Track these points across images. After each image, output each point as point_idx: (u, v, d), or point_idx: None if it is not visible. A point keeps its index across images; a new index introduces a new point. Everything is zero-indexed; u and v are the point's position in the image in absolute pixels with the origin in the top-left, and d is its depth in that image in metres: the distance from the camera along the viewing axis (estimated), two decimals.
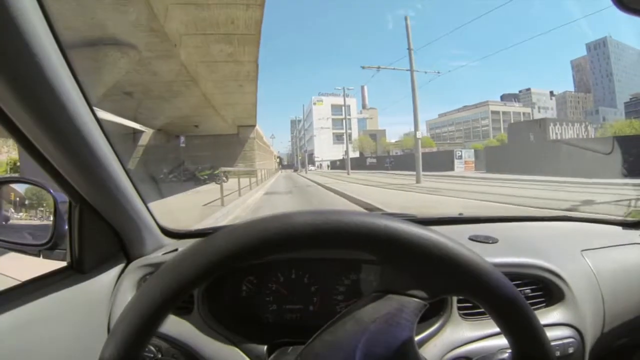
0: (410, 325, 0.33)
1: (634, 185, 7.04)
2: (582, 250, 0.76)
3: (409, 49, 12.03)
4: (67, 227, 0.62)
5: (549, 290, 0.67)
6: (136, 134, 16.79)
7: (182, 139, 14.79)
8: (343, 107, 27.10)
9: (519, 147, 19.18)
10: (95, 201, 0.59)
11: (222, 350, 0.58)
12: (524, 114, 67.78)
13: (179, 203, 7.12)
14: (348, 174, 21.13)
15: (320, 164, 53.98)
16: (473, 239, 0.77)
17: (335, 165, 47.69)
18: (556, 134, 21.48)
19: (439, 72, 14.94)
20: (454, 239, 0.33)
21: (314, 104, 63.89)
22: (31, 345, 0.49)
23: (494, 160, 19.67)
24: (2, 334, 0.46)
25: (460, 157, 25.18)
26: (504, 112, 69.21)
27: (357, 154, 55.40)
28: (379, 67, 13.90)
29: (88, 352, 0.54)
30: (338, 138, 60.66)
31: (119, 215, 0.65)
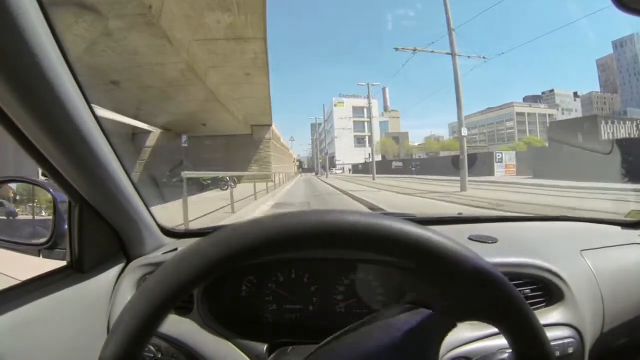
0: (437, 345, 0.32)
1: None
2: (582, 251, 0.76)
3: (449, 29, 9.89)
4: (67, 227, 0.62)
5: (549, 290, 0.67)
6: (138, 134, 15.71)
7: (184, 138, 13.89)
8: (368, 101, 25.45)
9: (567, 149, 15.84)
10: (95, 201, 0.59)
11: (222, 350, 0.58)
12: (550, 115, 64.79)
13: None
14: (374, 179, 19.16)
15: (343, 168, 51.39)
16: (473, 239, 0.77)
17: (357, 169, 45.35)
18: (608, 133, 19.14)
19: (484, 57, 12.23)
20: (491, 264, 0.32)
21: (335, 105, 62.10)
22: (31, 345, 0.49)
23: (541, 163, 16.52)
24: (2, 334, 0.46)
25: (501, 161, 22.03)
26: (528, 114, 65.78)
27: (379, 158, 51.84)
28: (415, 49, 11.75)
29: (88, 352, 0.54)
30: (359, 141, 60.32)
31: (119, 215, 0.65)
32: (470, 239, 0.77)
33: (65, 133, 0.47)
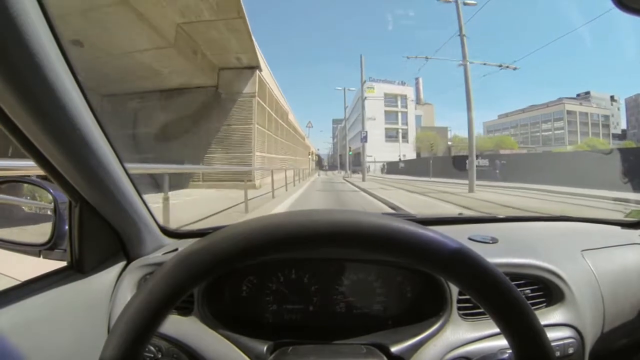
0: None
1: None
2: (582, 251, 0.76)
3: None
4: (67, 227, 0.62)
5: (549, 290, 0.67)
6: None
7: None
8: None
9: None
10: (95, 201, 0.59)
11: (222, 350, 0.58)
12: (602, 116, 54.87)
13: None
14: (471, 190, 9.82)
15: (369, 166, 41.21)
16: (473, 239, 0.77)
17: (394, 168, 33.70)
18: None
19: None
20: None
21: (364, 90, 52.07)
22: (31, 345, 0.49)
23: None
24: (2, 334, 0.46)
25: None
26: (580, 113, 53.19)
27: (413, 155, 43.91)
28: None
29: (88, 352, 0.54)
30: (389, 135, 49.86)
31: (119, 215, 0.65)
32: (470, 239, 0.77)
33: (65, 133, 0.47)
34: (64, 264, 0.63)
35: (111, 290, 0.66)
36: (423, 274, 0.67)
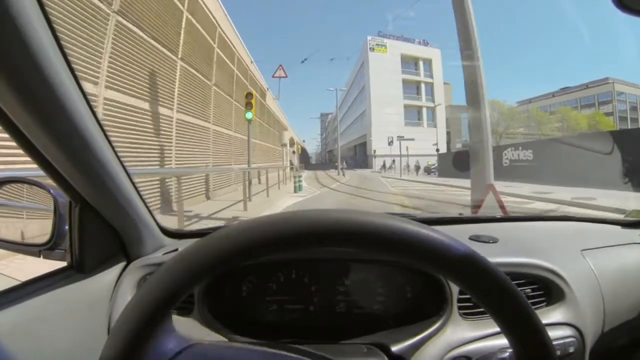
0: None
1: None
2: (582, 250, 0.76)
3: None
4: (67, 227, 0.62)
5: (549, 289, 0.67)
6: None
7: None
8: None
9: None
10: (95, 201, 0.59)
11: None
12: None
13: None
14: None
15: (384, 162, 27.13)
16: (473, 238, 0.78)
17: (445, 166, 18.26)
18: None
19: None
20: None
21: (372, 49, 32.03)
22: (31, 345, 0.49)
23: None
24: (2, 334, 0.46)
25: None
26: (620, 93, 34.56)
27: (443, 148, 29.20)
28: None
29: (88, 352, 0.54)
30: (409, 115, 31.31)
31: (119, 215, 0.65)
32: (470, 238, 0.78)
33: (65, 133, 0.47)
34: (64, 264, 0.63)
35: (111, 290, 0.66)
36: (423, 273, 0.67)
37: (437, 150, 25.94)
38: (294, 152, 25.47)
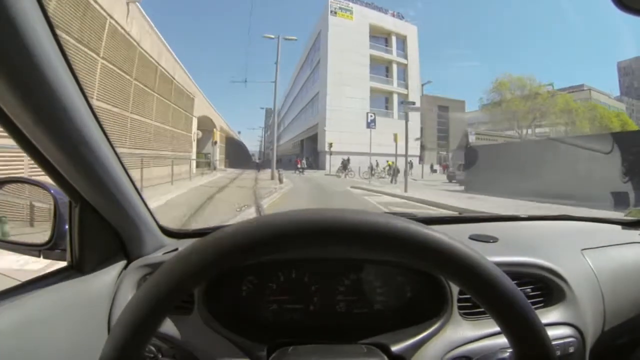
0: None
1: None
2: (582, 250, 0.76)
3: None
4: (67, 227, 0.62)
5: (549, 289, 0.67)
6: None
7: None
8: None
9: None
10: (95, 201, 0.59)
11: (222, 351, 0.58)
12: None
13: None
14: None
15: (344, 161, 18.92)
16: (473, 238, 0.78)
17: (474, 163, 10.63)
18: None
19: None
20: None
21: (334, 12, 25.24)
22: (31, 345, 0.49)
23: None
24: (2, 334, 0.46)
25: None
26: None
27: (416, 150, 23.03)
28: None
29: (88, 352, 0.54)
30: (376, 104, 24.88)
31: (119, 215, 0.65)
32: (471, 238, 0.78)
33: (65, 133, 0.47)
34: (64, 264, 0.63)
35: (111, 290, 0.65)
36: (423, 273, 0.67)
37: (422, 146, 19.80)
38: (215, 142, 19.43)
